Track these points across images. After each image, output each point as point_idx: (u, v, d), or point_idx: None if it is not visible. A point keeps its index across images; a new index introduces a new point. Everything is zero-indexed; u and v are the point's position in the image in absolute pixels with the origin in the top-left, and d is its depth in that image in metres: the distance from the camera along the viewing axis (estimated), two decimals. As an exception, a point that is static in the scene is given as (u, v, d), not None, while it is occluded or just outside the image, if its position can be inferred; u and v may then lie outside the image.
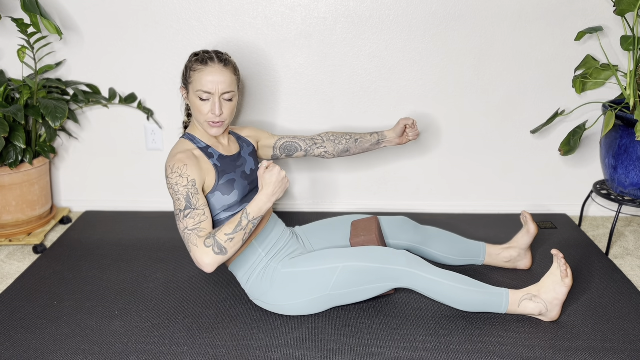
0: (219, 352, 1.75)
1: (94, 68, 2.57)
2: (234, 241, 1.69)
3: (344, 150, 2.16)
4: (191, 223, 1.70)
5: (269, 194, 1.72)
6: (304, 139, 2.13)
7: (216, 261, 1.68)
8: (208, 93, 1.79)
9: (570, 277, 1.83)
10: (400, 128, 2.15)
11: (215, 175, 1.84)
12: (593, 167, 2.69)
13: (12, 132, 2.30)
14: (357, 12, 2.47)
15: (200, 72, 1.79)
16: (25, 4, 2.13)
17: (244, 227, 1.71)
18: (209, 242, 1.68)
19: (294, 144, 2.12)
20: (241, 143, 2.01)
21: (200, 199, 1.74)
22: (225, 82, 1.80)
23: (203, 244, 1.68)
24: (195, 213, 1.71)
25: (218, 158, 1.87)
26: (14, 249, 2.43)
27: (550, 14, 2.46)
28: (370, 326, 1.87)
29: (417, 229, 2.13)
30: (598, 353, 1.75)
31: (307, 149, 2.14)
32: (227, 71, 1.81)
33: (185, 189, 1.73)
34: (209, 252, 1.67)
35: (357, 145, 2.16)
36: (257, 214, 1.72)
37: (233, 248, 1.69)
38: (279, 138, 2.12)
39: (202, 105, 1.81)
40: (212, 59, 1.81)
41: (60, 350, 1.76)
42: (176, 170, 1.75)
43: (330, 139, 2.14)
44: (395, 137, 2.18)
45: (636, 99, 2.28)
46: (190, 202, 1.72)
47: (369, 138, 2.16)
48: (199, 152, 1.85)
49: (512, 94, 2.58)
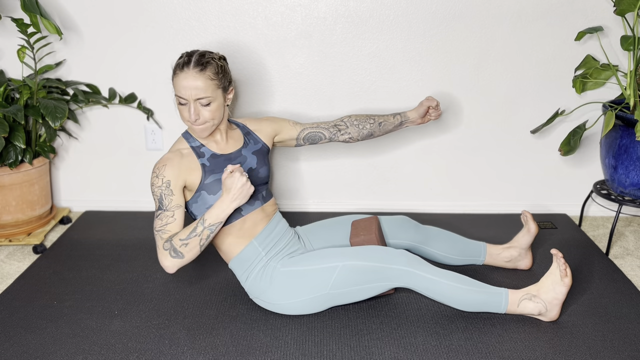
0: (219, 352, 1.75)
1: (94, 68, 2.57)
2: (189, 246, 1.72)
3: (368, 134, 2.15)
4: (159, 224, 1.75)
5: (229, 200, 1.73)
6: (327, 127, 2.12)
7: (174, 264, 1.73)
8: (183, 98, 1.79)
9: (570, 277, 1.83)
10: (423, 109, 2.16)
11: (201, 174, 1.84)
12: (593, 167, 2.69)
13: (12, 132, 2.30)
14: (357, 12, 2.47)
15: (177, 77, 1.79)
16: (25, 4, 2.13)
17: (199, 234, 1.72)
18: (167, 245, 1.72)
19: (317, 134, 2.11)
20: (247, 139, 1.99)
21: (174, 200, 1.77)
22: (198, 88, 1.77)
23: (162, 247, 1.73)
24: (164, 214, 1.75)
25: (209, 157, 1.87)
26: (13, 249, 2.43)
27: (550, 14, 2.46)
28: (370, 326, 1.87)
29: (417, 229, 2.13)
30: (598, 353, 1.75)
31: (332, 137, 2.13)
32: (201, 77, 1.77)
33: (159, 189, 1.77)
34: (167, 255, 1.73)
35: (381, 128, 2.16)
36: (215, 220, 1.73)
37: (189, 253, 1.72)
38: (302, 129, 2.10)
39: (182, 109, 1.82)
40: (188, 63, 1.78)
41: (60, 350, 1.76)
42: (155, 170, 1.80)
43: (353, 123, 2.13)
44: (418, 118, 2.18)
45: (636, 99, 2.28)
46: (162, 203, 1.76)
47: (392, 120, 2.16)
48: (188, 150, 1.86)
49: (512, 94, 2.58)
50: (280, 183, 2.74)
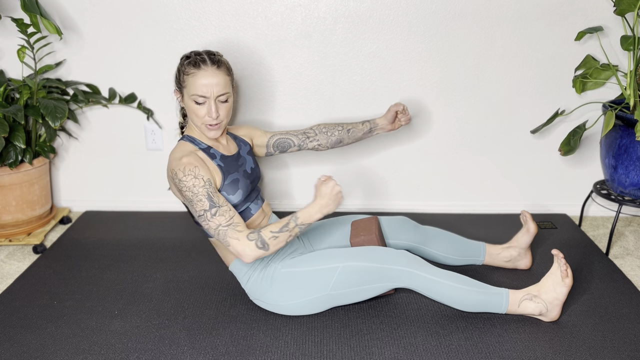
0: (219, 352, 1.75)
1: (94, 68, 2.57)
2: (278, 240, 1.72)
3: (337, 141, 2.16)
4: (223, 220, 1.72)
5: (321, 205, 1.74)
6: (296, 133, 2.13)
7: (257, 254, 1.72)
8: (203, 97, 1.78)
9: (571, 277, 1.83)
10: (392, 114, 2.16)
11: (221, 175, 1.84)
12: (593, 167, 2.69)
13: (12, 132, 2.30)
14: (357, 12, 2.47)
15: (194, 76, 1.78)
16: (25, 4, 2.13)
17: (290, 230, 1.73)
18: (253, 236, 1.71)
19: (286, 140, 2.12)
20: (238, 142, 2.01)
21: (220, 196, 1.76)
22: (219, 85, 1.78)
23: (246, 237, 1.71)
24: (223, 210, 1.73)
25: (220, 158, 1.87)
26: (13, 249, 2.43)
27: (550, 14, 2.46)
28: (370, 326, 1.87)
29: (417, 229, 2.13)
30: (598, 353, 1.75)
31: (300, 144, 2.13)
32: (220, 73, 1.79)
33: (204, 189, 1.74)
34: (252, 245, 1.71)
35: (350, 135, 2.16)
36: (306, 220, 1.74)
37: (276, 246, 1.73)
38: (271, 135, 2.11)
39: (198, 109, 1.80)
40: (205, 61, 1.78)
41: (60, 350, 1.76)
42: (189, 172, 1.75)
43: (322, 131, 2.14)
44: (387, 124, 2.18)
45: (636, 99, 2.28)
46: (213, 201, 1.74)
47: (361, 127, 2.17)
48: (202, 153, 1.85)
49: (512, 94, 2.58)
50: (281, 183, 2.74)
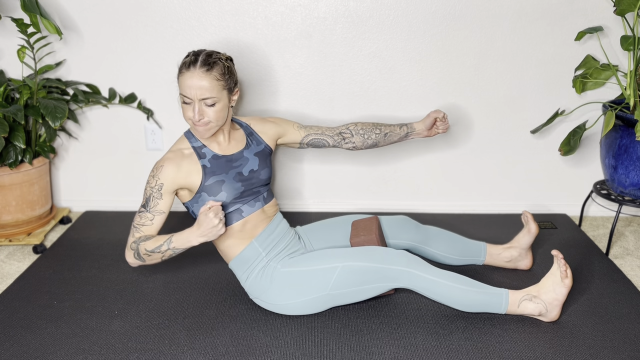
0: (219, 352, 1.75)
1: (94, 68, 2.57)
2: (151, 257, 1.79)
3: (372, 144, 2.13)
4: (137, 221, 1.81)
5: (198, 234, 1.72)
6: (331, 134, 2.09)
7: (135, 263, 1.83)
8: (188, 98, 1.78)
9: (570, 278, 1.83)
10: (431, 121, 2.12)
11: (202, 176, 1.84)
12: (593, 167, 2.69)
13: (12, 132, 2.30)
14: (357, 12, 2.47)
15: (182, 76, 1.77)
16: (25, 4, 2.13)
17: (162, 252, 1.77)
18: (134, 246, 1.80)
19: (321, 140, 2.09)
20: (250, 140, 1.97)
21: (159, 205, 1.81)
22: (203, 88, 1.76)
23: (130, 244, 1.80)
24: (145, 215, 1.81)
25: (210, 158, 1.86)
26: (13, 249, 2.43)
27: (550, 14, 2.46)
28: (370, 326, 1.87)
29: (417, 229, 2.12)
30: (598, 353, 1.75)
31: (335, 145, 2.11)
32: (208, 77, 1.76)
33: (150, 189, 1.81)
34: (130, 253, 1.81)
35: (386, 139, 2.13)
36: (180, 246, 1.75)
37: (150, 261, 1.82)
38: (306, 134, 2.08)
39: (185, 108, 1.81)
40: (195, 63, 1.76)
41: (60, 350, 1.76)
42: (154, 170, 1.82)
43: (359, 132, 2.10)
44: (424, 130, 2.14)
45: (636, 99, 2.28)
46: (148, 204, 1.81)
47: (398, 131, 2.13)
48: (190, 151, 1.86)
49: (512, 94, 2.58)
50: (281, 183, 2.74)
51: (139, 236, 1.80)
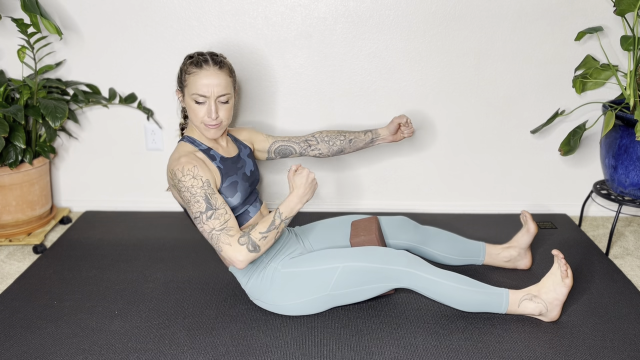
0: (219, 352, 1.75)
1: (94, 68, 2.57)
2: (267, 239, 1.73)
3: (338, 150, 2.16)
4: (217, 224, 1.72)
5: (300, 195, 1.76)
6: (297, 141, 2.13)
7: (249, 258, 1.72)
8: (203, 96, 1.78)
9: (571, 278, 1.83)
10: (394, 126, 2.15)
11: (220, 177, 1.84)
12: (593, 167, 2.69)
13: (12, 132, 2.30)
14: (357, 12, 2.47)
15: (195, 75, 1.78)
16: (25, 4, 2.13)
17: (277, 226, 1.74)
18: (243, 240, 1.71)
19: (288, 147, 2.12)
20: (239, 145, 2.01)
21: (219, 198, 1.75)
22: (220, 85, 1.78)
23: (237, 242, 1.71)
24: (218, 213, 1.73)
25: (220, 160, 1.87)
26: (14, 249, 2.43)
27: (550, 14, 2.46)
28: (370, 326, 1.87)
29: (417, 229, 2.13)
30: (598, 353, 1.75)
31: (302, 152, 2.14)
32: (222, 74, 1.79)
33: (202, 190, 1.73)
34: (243, 250, 1.71)
35: (352, 145, 2.16)
36: (289, 213, 1.76)
37: (266, 246, 1.74)
38: (273, 141, 2.11)
39: (198, 109, 1.80)
40: (207, 61, 1.79)
41: (60, 350, 1.76)
42: (187, 172, 1.74)
43: (324, 139, 2.14)
44: (389, 135, 2.17)
45: (636, 99, 2.28)
46: (210, 203, 1.73)
47: (363, 137, 2.16)
48: (201, 154, 1.85)
49: (512, 94, 2.58)
50: (280, 183, 2.74)
51: (236, 231, 1.72)
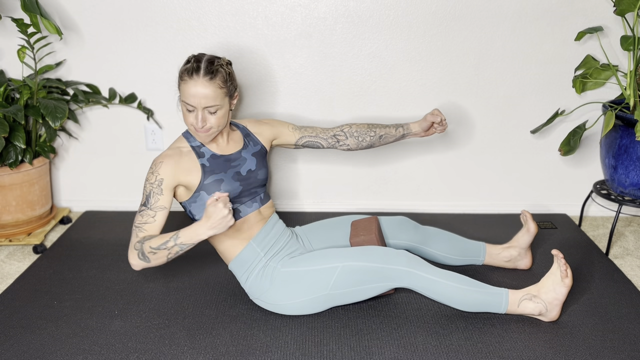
0: (219, 352, 1.75)
1: (94, 68, 2.57)
2: (156, 255, 1.71)
3: (367, 146, 2.13)
4: (139, 220, 1.76)
5: (207, 227, 1.65)
6: (325, 136, 2.10)
7: (141, 264, 1.74)
8: (191, 106, 1.78)
9: (570, 278, 1.83)
10: (428, 124, 2.11)
11: (201, 174, 1.84)
12: (593, 167, 2.69)
13: (12, 132, 2.30)
14: (357, 12, 2.47)
15: (185, 84, 1.76)
16: (25, 4, 2.13)
17: (169, 248, 1.69)
18: (138, 245, 1.73)
19: (315, 143, 2.10)
20: (247, 141, 1.98)
21: (160, 200, 1.77)
22: (207, 97, 1.75)
23: (134, 244, 1.74)
24: (147, 212, 1.76)
25: (209, 157, 1.87)
26: (14, 249, 2.43)
27: (550, 14, 2.46)
28: (370, 326, 1.87)
29: (417, 229, 2.13)
30: (598, 353, 1.75)
31: (330, 146, 2.12)
32: (211, 85, 1.75)
33: (150, 186, 1.78)
34: (135, 254, 1.74)
35: (381, 141, 2.13)
36: (188, 240, 1.67)
37: (156, 261, 1.73)
38: (300, 136, 2.09)
39: (188, 115, 1.80)
40: (198, 70, 1.75)
41: (60, 350, 1.76)
42: (152, 166, 1.80)
43: (353, 135, 2.10)
44: (421, 131, 2.14)
45: (636, 99, 2.28)
46: (149, 201, 1.77)
47: (394, 133, 2.13)
48: (188, 149, 1.86)
49: (512, 94, 2.58)
50: (280, 183, 2.74)
51: (142, 235, 1.74)
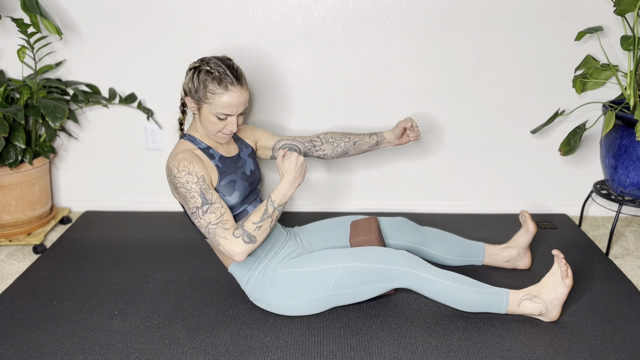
0: (219, 352, 1.75)
1: (94, 68, 2.57)
2: (262, 229, 1.73)
3: (342, 152, 2.16)
4: (213, 218, 1.73)
5: (291, 180, 1.76)
6: (302, 141, 2.13)
7: (246, 250, 1.72)
8: (229, 115, 1.80)
9: (571, 278, 1.83)
10: (400, 130, 2.14)
11: (218, 175, 1.84)
12: (593, 167, 2.69)
13: (12, 132, 2.30)
14: (357, 12, 2.47)
15: (220, 96, 1.76)
16: (25, 4, 2.13)
17: (271, 214, 1.75)
18: (238, 232, 1.71)
19: (292, 147, 2.12)
20: (240, 144, 2.01)
21: (214, 193, 1.77)
22: (244, 102, 1.81)
23: (232, 235, 1.71)
24: (214, 207, 1.74)
25: (219, 159, 1.88)
26: (14, 249, 2.43)
27: (550, 14, 2.46)
28: (370, 326, 1.87)
29: (416, 230, 2.13)
30: (598, 353, 1.75)
31: (306, 152, 2.14)
32: (244, 90, 1.80)
33: (197, 185, 1.75)
34: (239, 242, 1.71)
35: (356, 147, 2.16)
36: (282, 200, 1.76)
37: (262, 235, 1.74)
38: (278, 140, 2.11)
39: (219, 123, 1.81)
40: (232, 82, 1.77)
41: (60, 350, 1.76)
42: (183, 168, 1.76)
43: (328, 141, 2.14)
44: (394, 139, 2.17)
45: (636, 99, 2.28)
46: (206, 198, 1.74)
47: (368, 140, 2.16)
48: (200, 152, 1.86)
49: (512, 94, 2.58)
50: (280, 183, 2.73)
51: (232, 224, 1.73)
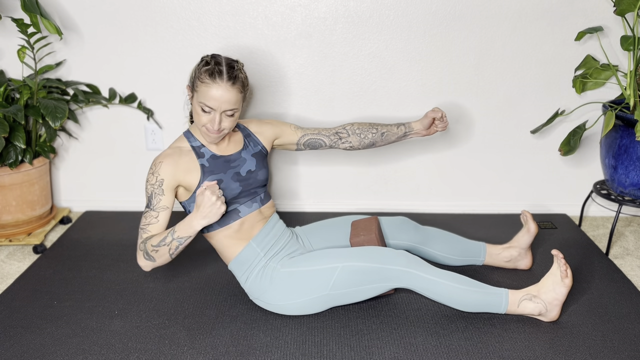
0: (219, 352, 1.75)
1: (94, 68, 2.57)
2: (159, 253, 1.75)
3: (369, 144, 2.11)
4: (143, 222, 1.79)
5: (199, 217, 1.72)
6: (328, 134, 2.09)
7: (147, 265, 1.79)
8: (210, 108, 1.78)
9: (570, 278, 1.83)
10: (428, 121, 2.09)
11: (200, 174, 1.84)
12: (593, 167, 2.69)
13: (12, 132, 2.30)
14: (357, 12, 2.47)
15: (206, 86, 1.76)
16: (25, 4, 2.13)
17: (168, 244, 1.73)
18: (142, 246, 1.77)
19: (318, 140, 2.09)
20: (247, 141, 1.98)
21: (162, 201, 1.78)
22: (229, 101, 1.77)
23: (139, 246, 1.78)
24: (150, 214, 1.78)
25: (209, 158, 1.87)
26: (14, 249, 2.43)
27: (550, 14, 2.46)
28: (370, 326, 1.87)
29: (417, 229, 2.13)
30: (598, 353, 1.75)
31: (332, 145, 2.10)
32: (233, 90, 1.77)
33: (151, 187, 1.79)
34: (141, 256, 1.78)
35: (384, 139, 2.11)
36: (184, 233, 1.73)
37: (160, 259, 1.77)
38: (302, 134, 2.08)
39: (203, 115, 1.80)
40: (222, 74, 1.75)
41: (60, 350, 1.76)
42: (152, 167, 1.81)
43: (355, 132, 2.09)
44: (423, 129, 2.11)
45: (636, 99, 2.28)
46: (151, 202, 1.79)
47: (396, 131, 2.11)
48: (188, 149, 1.86)
49: (512, 94, 2.58)
50: (280, 183, 2.74)
51: (146, 236, 1.78)
